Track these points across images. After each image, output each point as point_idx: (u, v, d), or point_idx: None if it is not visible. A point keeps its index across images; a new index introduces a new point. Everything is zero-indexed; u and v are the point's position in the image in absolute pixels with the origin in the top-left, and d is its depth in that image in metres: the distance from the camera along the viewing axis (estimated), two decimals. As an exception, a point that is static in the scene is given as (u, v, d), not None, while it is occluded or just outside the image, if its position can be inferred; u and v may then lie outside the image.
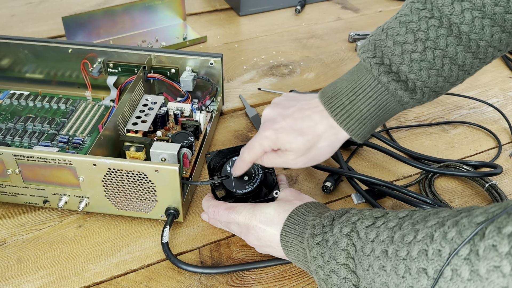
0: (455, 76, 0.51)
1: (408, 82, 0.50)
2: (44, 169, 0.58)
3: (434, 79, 0.51)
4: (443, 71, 0.50)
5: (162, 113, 0.69)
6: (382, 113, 0.53)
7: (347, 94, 0.53)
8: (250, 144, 0.56)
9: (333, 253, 0.46)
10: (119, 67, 0.75)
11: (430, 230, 0.39)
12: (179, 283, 0.56)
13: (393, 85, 0.51)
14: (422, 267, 0.38)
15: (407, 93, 0.51)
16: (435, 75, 0.50)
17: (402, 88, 0.51)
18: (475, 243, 0.35)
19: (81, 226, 0.62)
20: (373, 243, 0.43)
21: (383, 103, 0.52)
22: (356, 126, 0.52)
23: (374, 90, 0.52)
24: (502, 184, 0.69)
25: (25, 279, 0.56)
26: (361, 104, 0.52)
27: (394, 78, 0.50)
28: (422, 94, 0.51)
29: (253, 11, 1.11)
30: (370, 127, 0.53)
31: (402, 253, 0.40)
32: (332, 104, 0.53)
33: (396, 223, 0.43)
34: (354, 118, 0.52)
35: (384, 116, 0.53)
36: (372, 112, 0.52)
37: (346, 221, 0.47)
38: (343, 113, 0.52)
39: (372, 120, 0.53)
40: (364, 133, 0.53)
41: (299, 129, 0.53)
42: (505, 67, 0.95)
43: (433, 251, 0.38)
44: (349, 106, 0.52)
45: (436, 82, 0.51)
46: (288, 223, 0.52)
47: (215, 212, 0.57)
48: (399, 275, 0.40)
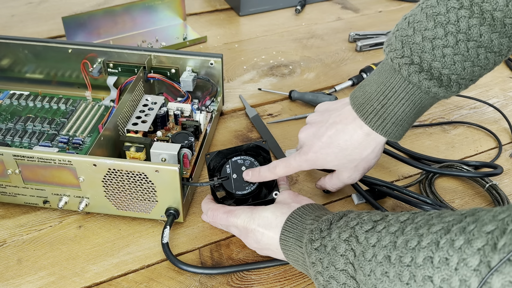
0: (492, 62, 0.50)
1: (443, 78, 0.49)
2: (44, 170, 0.58)
3: (470, 69, 0.49)
4: (479, 61, 0.49)
5: (162, 113, 0.69)
6: (417, 111, 0.52)
7: (378, 99, 0.52)
8: (288, 161, 0.57)
9: (331, 259, 0.46)
10: (119, 67, 0.75)
11: (435, 236, 0.38)
12: (179, 284, 0.56)
13: (426, 84, 0.49)
14: (428, 275, 0.37)
15: (442, 89, 0.50)
16: (470, 66, 0.49)
17: (436, 85, 0.49)
18: (485, 254, 0.34)
19: (81, 227, 0.62)
20: (375, 248, 0.42)
21: (417, 102, 0.51)
22: (392, 128, 0.52)
23: (406, 91, 0.51)
24: (503, 184, 0.69)
25: (25, 279, 0.56)
26: (394, 107, 0.51)
27: (426, 77, 0.49)
28: (459, 86, 0.50)
29: (253, 11, 1.11)
30: (406, 126, 0.53)
31: (406, 259, 0.39)
32: (364, 111, 0.52)
33: (398, 228, 0.42)
34: (389, 122, 0.52)
35: (421, 112, 0.53)
36: (407, 113, 0.52)
37: (345, 225, 0.47)
38: (377, 119, 0.52)
39: (408, 119, 0.52)
40: (401, 132, 0.53)
41: (336, 145, 0.54)
42: (505, 67, 0.95)
43: (440, 259, 0.37)
44: (382, 111, 0.52)
45: (472, 72, 0.49)
46: (286, 227, 0.52)
47: (214, 216, 0.57)
48: (403, 282, 0.39)
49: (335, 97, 0.82)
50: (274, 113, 0.82)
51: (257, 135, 0.77)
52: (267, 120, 0.80)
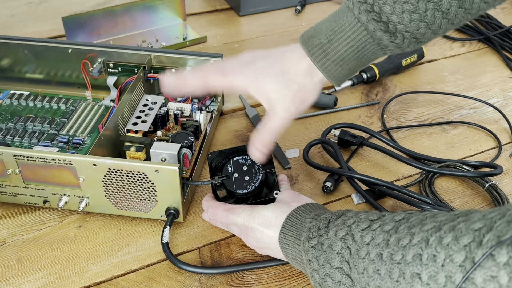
0: (437, 23, 0.49)
1: (389, 24, 0.48)
2: (44, 169, 0.58)
3: (416, 24, 0.49)
4: (425, 16, 0.48)
5: (162, 113, 0.69)
6: (360, 55, 0.51)
7: (326, 33, 0.51)
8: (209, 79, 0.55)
9: (327, 257, 0.46)
10: (119, 67, 0.75)
11: (426, 234, 0.39)
12: (179, 283, 0.56)
13: (373, 25, 0.49)
14: (416, 272, 0.38)
15: (387, 35, 0.49)
16: (417, 20, 0.48)
17: (381, 29, 0.49)
18: (471, 250, 0.35)
19: (81, 226, 0.62)
20: (368, 246, 0.43)
21: (361, 44, 0.50)
22: (332, 66, 0.51)
23: (353, 29, 0.50)
24: (502, 184, 0.69)
25: (25, 279, 0.56)
26: (338, 44, 0.51)
27: (375, 18, 0.49)
28: (403, 39, 0.50)
29: (253, 11, 1.11)
30: (346, 70, 0.52)
31: (397, 257, 0.40)
32: (310, 43, 0.52)
33: (392, 226, 0.43)
34: (330, 58, 0.51)
35: (362, 60, 0.52)
36: (350, 53, 0.51)
37: (342, 224, 0.47)
38: (320, 52, 0.51)
39: (349, 62, 0.51)
40: (340, 75, 0.52)
41: (279, 67, 0.53)
42: (505, 67, 0.95)
43: (428, 256, 0.37)
44: (326, 46, 0.51)
45: (417, 28, 0.49)
46: (285, 226, 0.52)
47: (214, 213, 0.57)
48: (393, 279, 0.40)
49: (335, 97, 0.82)
50: (274, 113, 0.82)
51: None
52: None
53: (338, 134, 0.74)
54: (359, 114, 0.82)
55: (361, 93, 0.87)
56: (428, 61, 0.96)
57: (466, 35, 1.05)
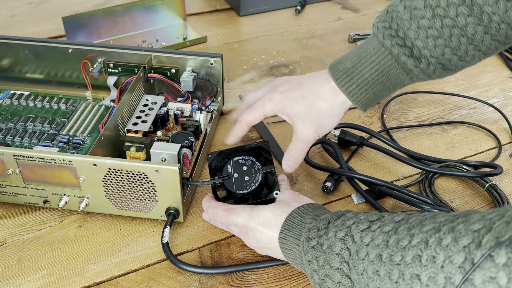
0: (463, 49, 0.49)
1: (414, 49, 0.49)
2: (45, 169, 0.58)
3: (441, 49, 0.49)
4: (450, 42, 0.49)
5: (162, 113, 0.69)
6: (384, 80, 0.52)
7: (352, 59, 0.53)
8: (253, 106, 0.57)
9: (327, 257, 0.46)
10: (119, 67, 0.75)
11: (425, 236, 0.39)
12: (179, 283, 0.56)
13: (397, 49, 0.50)
14: (416, 273, 0.38)
15: (411, 60, 0.50)
16: (442, 45, 0.49)
17: (406, 53, 0.50)
18: (470, 251, 0.35)
19: (81, 226, 0.62)
20: (368, 247, 0.43)
21: (386, 68, 0.51)
22: (356, 90, 0.52)
23: (378, 54, 0.51)
24: (502, 184, 0.69)
25: (25, 279, 0.56)
26: (363, 68, 0.51)
27: (399, 43, 0.49)
28: (428, 64, 0.50)
29: (253, 11, 1.11)
30: (371, 94, 0.53)
31: (397, 258, 0.40)
32: (335, 68, 0.53)
33: (391, 227, 0.43)
34: (355, 82, 0.52)
35: (387, 84, 0.52)
36: (375, 77, 0.51)
37: (341, 225, 0.47)
38: (345, 76, 0.52)
39: (374, 86, 0.52)
40: (364, 99, 0.53)
41: (300, 92, 0.55)
42: (505, 67, 0.95)
43: (427, 257, 0.37)
44: (351, 71, 0.52)
45: (442, 53, 0.49)
46: (285, 226, 0.52)
47: (214, 213, 0.57)
48: (392, 280, 0.40)
49: (335, 97, 0.82)
50: (274, 113, 0.82)
51: (257, 135, 0.77)
52: (267, 120, 0.80)
53: (338, 134, 0.74)
54: (359, 114, 0.82)
55: (361, 93, 0.87)
56: (428, 61, 0.96)
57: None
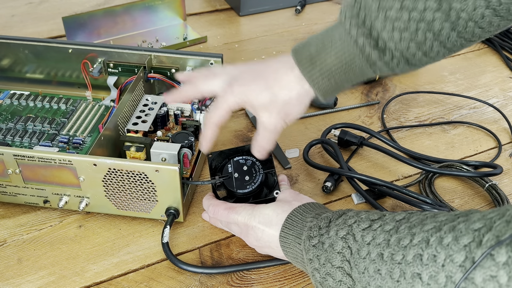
0: (428, 44, 0.48)
1: (379, 41, 0.48)
2: (45, 169, 0.58)
3: (406, 43, 0.48)
4: (416, 36, 0.47)
5: (162, 113, 0.69)
6: (347, 69, 0.50)
7: (316, 45, 0.51)
8: (216, 104, 0.55)
9: (328, 256, 0.46)
10: (120, 67, 0.75)
11: (426, 235, 0.39)
12: (179, 283, 0.56)
13: (362, 40, 0.48)
14: (417, 272, 0.38)
15: (376, 51, 0.48)
16: (407, 39, 0.47)
17: (371, 44, 0.48)
18: (471, 250, 0.35)
19: (81, 226, 0.62)
20: (369, 246, 0.43)
21: (350, 58, 0.50)
22: (318, 78, 0.51)
23: (343, 42, 0.49)
24: (502, 184, 0.69)
25: (25, 279, 0.56)
26: (326, 55, 0.50)
27: (365, 33, 0.48)
28: (391, 57, 0.49)
29: (253, 11, 1.11)
30: (333, 83, 0.51)
31: (398, 257, 0.40)
32: (300, 52, 0.52)
33: (392, 226, 0.43)
34: (317, 70, 0.50)
35: (350, 75, 0.51)
36: (338, 66, 0.50)
37: (343, 223, 0.47)
38: (308, 64, 0.51)
39: (336, 75, 0.51)
40: (326, 88, 0.51)
41: (264, 82, 0.52)
42: (505, 67, 0.95)
43: (428, 256, 0.38)
44: (315, 57, 0.51)
45: (407, 47, 0.48)
46: (286, 224, 0.52)
47: (215, 212, 0.57)
48: (393, 279, 0.40)
49: (335, 97, 0.82)
50: (274, 113, 0.82)
51: (257, 135, 0.77)
52: (267, 120, 0.80)
53: (338, 134, 0.74)
54: (359, 114, 0.82)
55: (361, 93, 0.87)
56: (428, 61, 0.96)
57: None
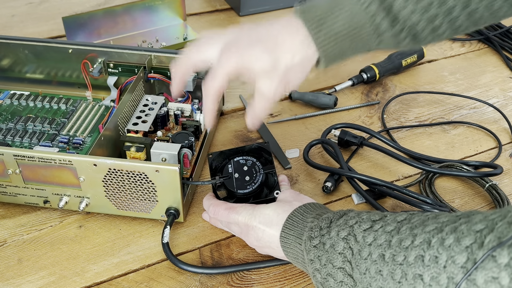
0: (439, 21, 0.48)
1: (392, 9, 0.47)
2: (45, 169, 0.58)
3: (418, 16, 0.47)
4: (429, 9, 0.47)
5: (162, 113, 0.69)
6: (355, 36, 0.48)
7: (324, 8, 0.48)
8: (213, 72, 0.50)
9: (329, 257, 0.46)
10: (120, 67, 0.75)
11: (428, 236, 0.39)
12: (179, 283, 0.56)
13: (375, 6, 0.47)
14: (418, 273, 0.38)
15: (387, 21, 0.47)
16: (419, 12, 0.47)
17: (383, 13, 0.47)
18: (473, 251, 0.35)
19: (81, 226, 0.62)
20: (371, 247, 0.43)
21: (358, 24, 0.48)
22: (325, 41, 0.48)
23: (354, 7, 0.48)
24: (503, 184, 0.69)
25: (25, 279, 0.56)
26: (334, 18, 0.48)
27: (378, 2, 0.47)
28: (401, 29, 0.48)
29: (253, 11, 1.11)
30: (338, 49, 0.49)
31: (399, 258, 0.40)
32: (308, 12, 0.49)
33: (394, 227, 0.43)
34: (323, 32, 0.48)
35: (356, 42, 0.49)
36: (345, 31, 0.48)
37: (344, 224, 0.47)
38: (315, 25, 0.48)
39: (344, 40, 0.48)
40: (331, 53, 0.49)
41: (264, 44, 0.48)
42: (505, 67, 0.95)
43: (430, 257, 0.38)
44: (322, 20, 0.48)
45: (418, 21, 0.47)
46: (287, 225, 0.52)
47: (215, 212, 0.57)
48: (395, 280, 0.40)
49: (335, 97, 0.82)
50: (274, 113, 0.82)
51: (257, 135, 0.77)
52: (267, 120, 0.80)
53: (338, 134, 0.74)
54: (359, 114, 0.82)
55: (361, 93, 0.87)
56: (428, 61, 0.96)
57: (466, 35, 1.05)
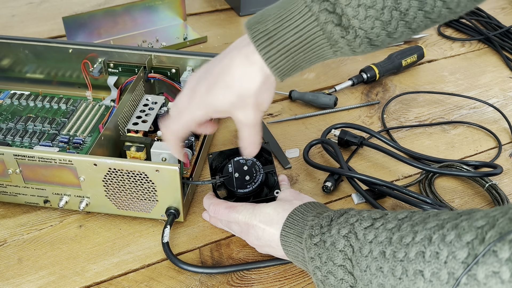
0: (394, 25, 0.45)
1: (343, 17, 0.44)
2: (45, 169, 0.58)
3: (371, 21, 0.45)
4: (382, 14, 0.44)
5: (162, 113, 0.69)
6: (308, 49, 0.47)
7: (273, 21, 0.47)
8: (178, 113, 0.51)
9: (330, 254, 0.46)
10: (120, 67, 0.75)
11: (429, 232, 0.39)
12: (179, 283, 0.56)
13: (325, 16, 0.45)
14: (419, 269, 0.38)
15: (339, 29, 0.45)
16: (373, 17, 0.45)
17: (334, 21, 0.45)
18: (474, 247, 0.35)
19: (81, 226, 0.62)
20: (371, 244, 0.43)
21: (310, 35, 0.46)
22: (277, 57, 0.47)
23: (303, 18, 0.46)
24: (502, 184, 0.69)
25: (25, 278, 0.56)
26: (285, 32, 0.46)
27: (328, 9, 0.45)
28: (355, 36, 0.46)
29: (254, 11, 1.10)
30: (292, 63, 0.47)
31: (400, 254, 0.40)
32: (255, 30, 0.47)
33: (395, 225, 0.43)
34: (276, 47, 0.46)
35: (310, 55, 0.48)
36: (297, 44, 0.46)
37: (344, 222, 0.47)
38: (265, 40, 0.46)
39: (296, 54, 0.47)
40: (284, 68, 0.47)
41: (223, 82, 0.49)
42: (505, 67, 0.95)
43: (431, 253, 0.38)
44: (273, 33, 0.46)
45: (372, 26, 0.45)
46: (287, 223, 0.52)
47: (216, 211, 0.57)
48: (396, 277, 0.40)
49: (335, 97, 0.82)
50: (274, 113, 0.82)
51: (257, 135, 0.77)
52: (267, 120, 0.80)
53: (338, 134, 0.74)
54: (359, 114, 0.82)
55: (361, 93, 0.87)
56: (428, 61, 0.96)
57: (466, 35, 1.05)
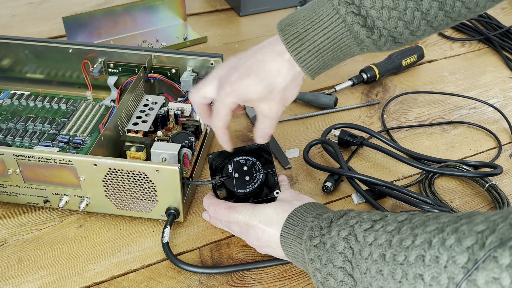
0: (416, 24, 0.49)
1: (368, 19, 0.48)
2: (45, 169, 0.58)
3: (394, 21, 0.48)
4: (404, 15, 0.48)
5: (162, 113, 0.69)
6: (336, 48, 0.50)
7: (304, 23, 0.50)
8: (215, 109, 0.55)
9: (330, 256, 0.46)
10: (120, 67, 0.75)
11: (428, 236, 0.39)
12: (179, 283, 0.56)
13: (351, 18, 0.48)
14: (419, 273, 0.38)
15: (364, 30, 0.49)
16: (395, 17, 0.48)
17: (359, 23, 0.48)
18: (474, 252, 0.35)
19: (81, 226, 0.62)
20: (371, 247, 0.43)
21: (338, 36, 0.50)
22: (307, 57, 0.50)
23: (331, 20, 0.49)
24: (502, 184, 0.69)
25: (25, 279, 0.56)
26: (315, 34, 0.50)
27: (354, 11, 0.48)
28: (380, 35, 0.49)
29: (254, 11, 1.11)
30: (322, 62, 0.51)
31: (400, 257, 0.40)
32: (286, 32, 0.51)
33: (395, 227, 0.43)
34: (306, 48, 0.50)
35: (338, 53, 0.51)
36: (326, 44, 0.50)
37: (344, 224, 0.47)
38: (296, 41, 0.50)
39: (325, 54, 0.51)
40: (315, 67, 0.51)
41: (255, 75, 0.52)
42: (505, 67, 0.95)
43: (431, 257, 0.37)
44: (303, 35, 0.50)
45: (395, 26, 0.49)
46: (287, 224, 0.52)
47: (216, 211, 0.57)
48: (395, 280, 0.40)
49: (335, 97, 0.82)
50: (274, 113, 0.82)
51: (257, 135, 0.77)
52: (267, 120, 0.80)
53: (338, 134, 0.74)
54: (359, 114, 0.82)
55: (361, 93, 0.87)
56: (428, 61, 0.96)
57: (466, 35, 1.05)
